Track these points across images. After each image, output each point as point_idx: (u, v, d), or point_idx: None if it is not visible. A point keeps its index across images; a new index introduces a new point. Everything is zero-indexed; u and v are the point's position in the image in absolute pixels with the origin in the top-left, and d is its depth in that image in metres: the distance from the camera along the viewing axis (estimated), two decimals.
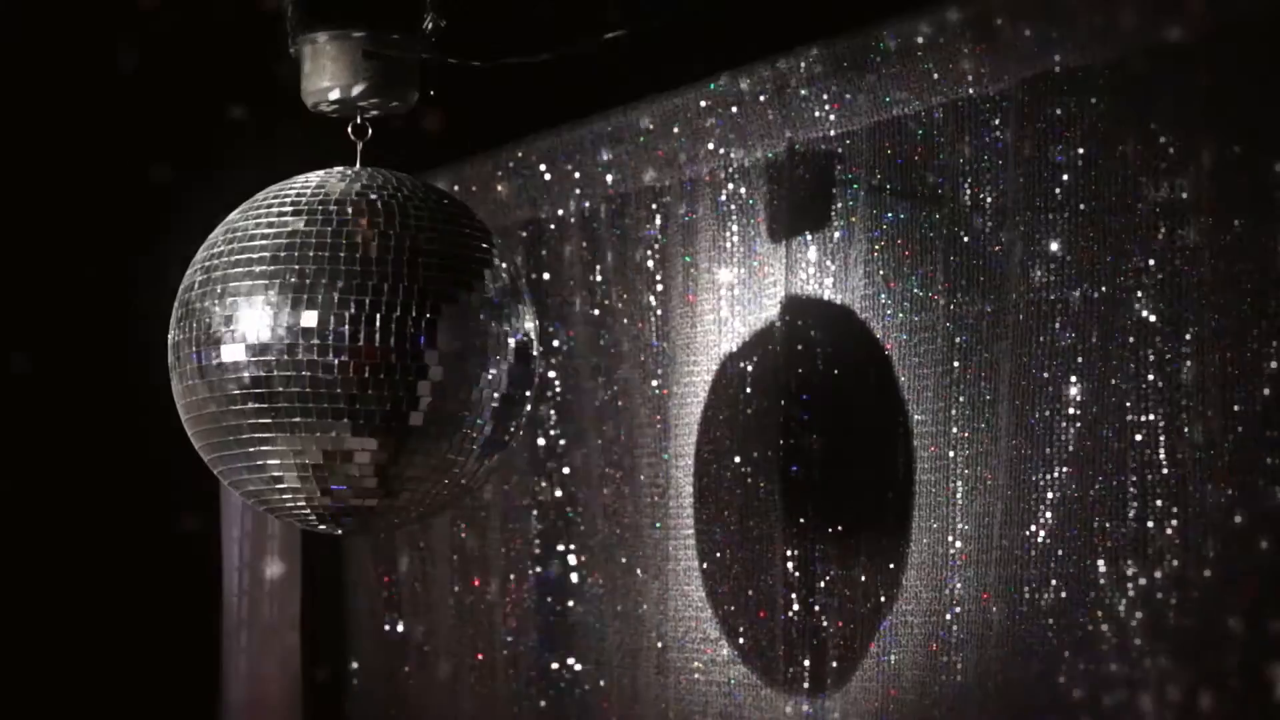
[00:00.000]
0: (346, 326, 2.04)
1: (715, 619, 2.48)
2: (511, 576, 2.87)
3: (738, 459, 2.45)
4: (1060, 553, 2.06)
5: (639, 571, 2.62)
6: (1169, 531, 1.97)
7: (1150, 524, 1.99)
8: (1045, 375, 2.09)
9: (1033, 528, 2.09)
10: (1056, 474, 2.07)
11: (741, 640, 2.44)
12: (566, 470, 2.78)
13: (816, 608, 2.34)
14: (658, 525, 2.59)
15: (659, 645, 2.58)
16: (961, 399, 2.19)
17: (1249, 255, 1.93)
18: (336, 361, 2.04)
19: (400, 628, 3.10)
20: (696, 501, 2.52)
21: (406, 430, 2.06)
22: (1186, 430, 1.97)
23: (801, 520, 2.36)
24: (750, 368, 2.45)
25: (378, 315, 2.04)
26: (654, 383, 2.61)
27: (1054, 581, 2.06)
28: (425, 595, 3.05)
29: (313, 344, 2.04)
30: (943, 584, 2.19)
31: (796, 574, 2.36)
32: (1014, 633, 2.09)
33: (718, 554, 2.48)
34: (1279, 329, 1.90)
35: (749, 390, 2.44)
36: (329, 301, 2.04)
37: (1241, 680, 1.91)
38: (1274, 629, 1.89)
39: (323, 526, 2.14)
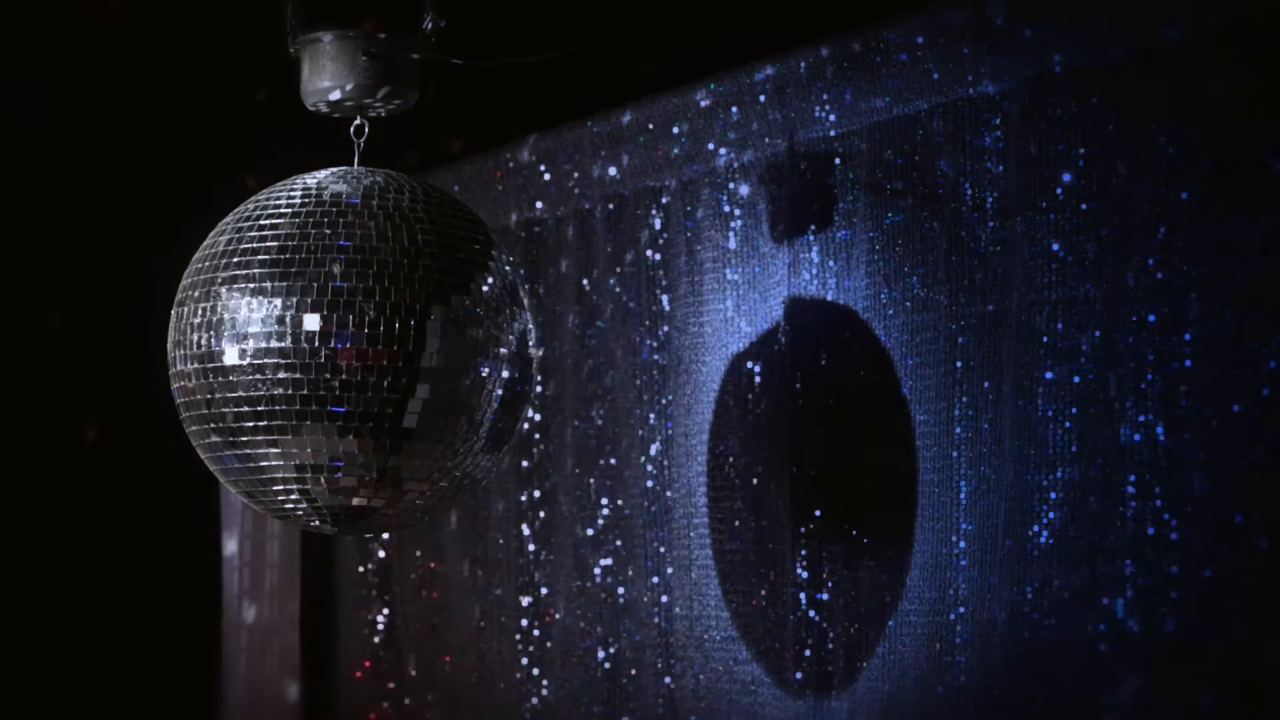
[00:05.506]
0: (347, 328, 2.04)
1: (722, 618, 2.48)
2: (516, 577, 2.87)
3: (743, 459, 2.45)
4: (1063, 552, 2.06)
5: (645, 571, 2.62)
6: (1170, 532, 1.97)
7: (1151, 524, 1.99)
8: (1050, 375, 2.09)
9: (1036, 528, 2.08)
10: (1060, 474, 2.07)
11: (749, 639, 2.44)
12: (569, 470, 2.77)
13: (824, 607, 2.34)
14: (663, 525, 2.59)
15: (666, 644, 2.57)
16: (964, 399, 2.19)
17: (1249, 254, 1.93)
18: (334, 362, 2.04)
19: (398, 628, 3.10)
20: (702, 501, 2.52)
21: (404, 430, 2.06)
22: (1187, 430, 1.97)
23: (808, 520, 2.36)
24: (754, 367, 2.45)
25: (381, 317, 2.04)
26: (656, 383, 2.61)
27: (1057, 581, 2.06)
28: (423, 596, 3.05)
29: (311, 344, 2.04)
30: (947, 584, 2.19)
31: (804, 573, 2.36)
32: (1018, 633, 2.09)
33: (724, 553, 2.48)
34: (1278, 328, 1.90)
35: (753, 390, 2.44)
36: (327, 302, 2.04)
37: (1242, 680, 1.91)
38: (1273, 629, 1.89)
39: (321, 526, 2.14)
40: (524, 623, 2.84)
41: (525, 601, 2.84)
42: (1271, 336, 1.90)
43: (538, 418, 2.79)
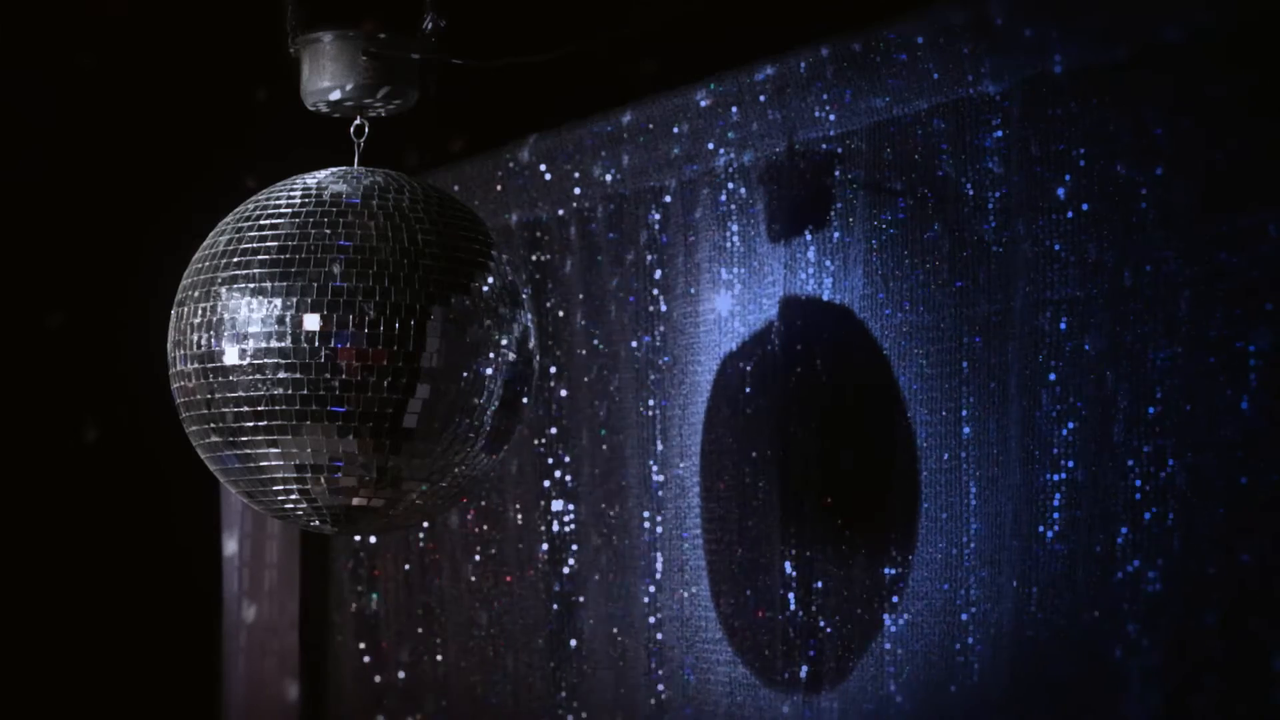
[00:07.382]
0: (347, 328, 2.04)
1: (714, 619, 2.48)
2: (516, 576, 2.87)
3: (741, 459, 2.45)
4: (1070, 553, 2.06)
5: (636, 571, 2.62)
6: (1179, 531, 1.97)
7: (1160, 524, 1.99)
8: (1052, 376, 2.09)
9: (1041, 528, 2.09)
10: (1066, 474, 2.07)
11: (740, 640, 2.44)
12: (566, 469, 2.77)
13: (815, 608, 2.34)
14: (657, 525, 2.59)
15: (657, 645, 2.58)
16: (971, 399, 2.19)
17: (1248, 254, 1.93)
18: (334, 362, 2.04)
19: (397, 627, 3.10)
20: (696, 501, 2.52)
21: (404, 431, 2.06)
22: (1193, 428, 1.97)
23: (802, 521, 2.36)
24: (750, 367, 2.45)
25: (381, 317, 2.04)
26: (653, 383, 2.61)
27: (1065, 581, 2.06)
28: (422, 595, 3.05)
29: (311, 344, 2.04)
30: (955, 585, 2.19)
31: (795, 574, 2.36)
32: (1025, 634, 2.09)
33: (717, 553, 2.48)
34: (1278, 326, 1.90)
35: (749, 390, 2.44)
36: (327, 302, 2.04)
37: (1251, 679, 1.91)
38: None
39: (321, 526, 2.15)
40: (522, 623, 2.84)
41: (524, 601, 2.84)
42: (1272, 334, 1.90)
43: (547, 419, 2.79)
